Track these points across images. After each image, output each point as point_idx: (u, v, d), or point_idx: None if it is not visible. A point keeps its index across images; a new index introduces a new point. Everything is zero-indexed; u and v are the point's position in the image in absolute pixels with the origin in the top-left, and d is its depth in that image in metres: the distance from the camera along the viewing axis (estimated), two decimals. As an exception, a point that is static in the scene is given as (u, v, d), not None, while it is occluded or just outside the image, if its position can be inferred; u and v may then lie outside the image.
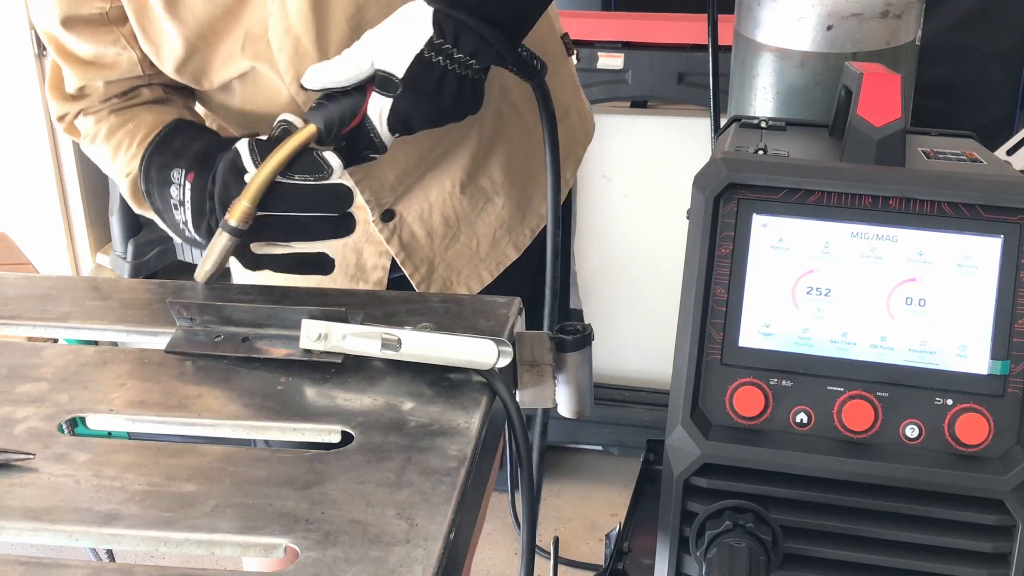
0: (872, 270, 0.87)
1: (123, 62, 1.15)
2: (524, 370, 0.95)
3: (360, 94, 1.00)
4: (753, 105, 1.43)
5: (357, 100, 0.99)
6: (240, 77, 1.15)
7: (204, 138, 1.11)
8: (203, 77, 1.15)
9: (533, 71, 1.07)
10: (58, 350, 0.97)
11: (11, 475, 0.77)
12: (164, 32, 1.11)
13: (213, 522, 0.71)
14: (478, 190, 1.31)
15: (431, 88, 0.99)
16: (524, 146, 1.34)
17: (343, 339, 0.88)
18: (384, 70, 0.99)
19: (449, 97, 1.00)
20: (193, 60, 1.13)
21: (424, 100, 0.99)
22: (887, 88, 0.91)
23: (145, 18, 1.11)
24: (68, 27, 1.12)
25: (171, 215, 1.09)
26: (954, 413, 0.85)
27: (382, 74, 0.99)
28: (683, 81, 2.41)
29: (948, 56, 2.55)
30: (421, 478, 0.75)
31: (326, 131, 0.99)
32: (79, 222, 2.83)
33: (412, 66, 0.98)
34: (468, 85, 1.00)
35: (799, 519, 0.87)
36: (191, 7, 1.09)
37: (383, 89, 0.99)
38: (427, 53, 0.97)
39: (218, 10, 1.10)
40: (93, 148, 1.20)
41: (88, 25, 1.12)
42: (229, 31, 1.11)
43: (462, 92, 1.00)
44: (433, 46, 0.97)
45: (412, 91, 0.99)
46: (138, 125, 1.16)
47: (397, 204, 1.28)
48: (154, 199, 1.11)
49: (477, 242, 1.34)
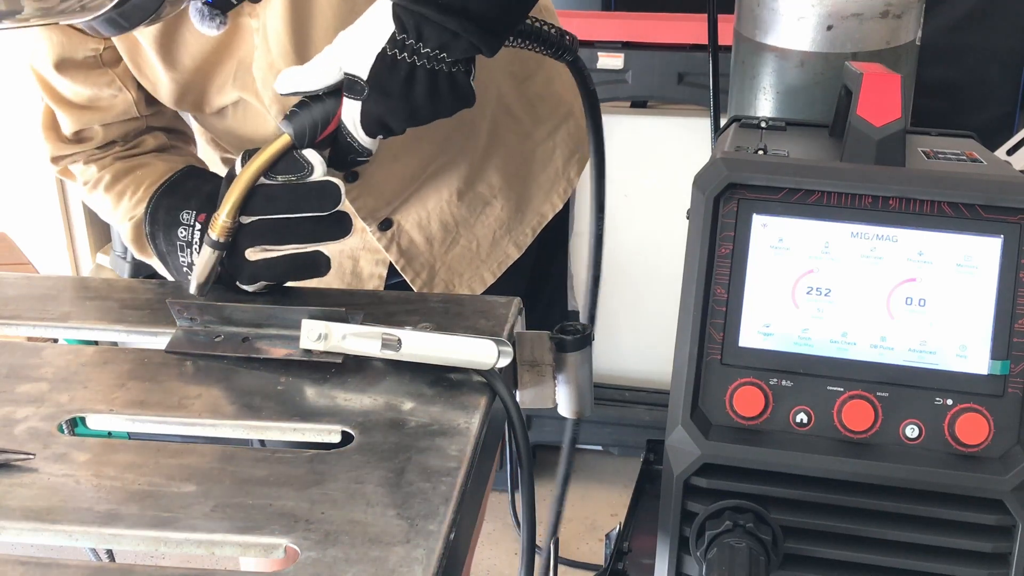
0: (872, 270, 0.87)
1: (119, 104, 1.15)
2: (524, 370, 0.95)
3: (334, 99, 0.96)
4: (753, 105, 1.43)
5: (331, 105, 0.96)
6: (232, 104, 1.16)
7: (215, 181, 1.11)
8: (203, 105, 1.16)
9: (563, 48, 1.01)
10: (58, 350, 0.97)
11: (11, 475, 0.77)
12: (159, 71, 1.12)
13: (213, 522, 0.71)
14: (476, 196, 1.31)
15: (399, 87, 0.93)
16: (521, 148, 1.34)
17: (343, 339, 0.88)
18: (350, 73, 0.94)
19: (422, 95, 0.94)
20: (191, 93, 1.14)
21: (394, 100, 0.94)
22: (887, 88, 0.91)
23: (139, 57, 1.12)
24: (62, 70, 1.12)
25: (175, 257, 1.08)
26: (954, 413, 0.85)
27: (349, 77, 0.94)
28: (683, 81, 2.41)
29: (948, 56, 2.56)
30: (421, 478, 0.75)
31: (299, 139, 0.96)
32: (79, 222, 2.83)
33: (375, 66, 0.93)
34: (444, 80, 0.94)
35: (799, 519, 0.87)
36: (186, 49, 1.10)
37: (351, 92, 0.95)
38: (390, 51, 0.92)
39: (210, 45, 1.10)
40: (95, 195, 1.20)
41: (82, 68, 1.12)
42: (222, 62, 1.12)
43: (436, 88, 0.94)
44: (396, 43, 0.92)
45: (379, 92, 0.94)
46: (146, 172, 1.16)
47: (395, 214, 1.27)
48: (158, 241, 1.11)
49: (477, 244, 1.33)
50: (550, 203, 1.38)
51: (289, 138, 0.96)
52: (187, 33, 1.09)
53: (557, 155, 1.37)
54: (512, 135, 1.32)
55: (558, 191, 1.39)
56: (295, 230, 0.99)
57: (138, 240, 1.15)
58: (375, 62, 0.93)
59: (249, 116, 1.17)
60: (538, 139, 1.36)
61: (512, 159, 1.33)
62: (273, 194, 0.97)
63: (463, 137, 1.26)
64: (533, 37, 1.00)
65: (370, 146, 0.98)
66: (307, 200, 0.97)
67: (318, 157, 0.96)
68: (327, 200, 0.98)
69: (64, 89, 1.14)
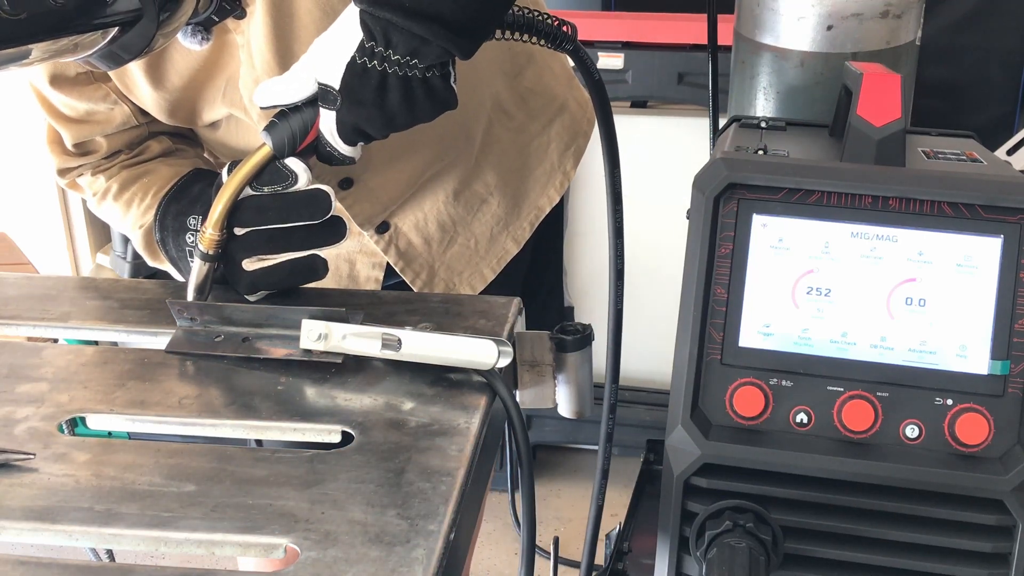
0: (872, 270, 0.87)
1: (116, 115, 1.16)
2: (524, 370, 0.95)
3: (313, 108, 0.94)
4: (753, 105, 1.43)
5: (309, 116, 0.94)
6: (224, 117, 1.16)
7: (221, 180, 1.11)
8: (195, 119, 1.17)
9: (562, 38, 0.98)
10: (58, 350, 0.97)
11: (11, 475, 0.77)
12: (147, 91, 1.12)
13: (213, 522, 0.71)
14: (472, 194, 1.31)
15: (371, 96, 0.90)
16: (516, 144, 1.34)
17: (343, 339, 0.88)
18: (323, 82, 0.92)
19: (396, 102, 0.91)
20: (181, 109, 1.15)
21: (368, 109, 0.91)
22: (887, 88, 0.91)
23: (127, 78, 1.12)
24: (56, 86, 1.12)
25: (186, 263, 1.08)
26: (954, 413, 0.85)
27: (323, 87, 0.92)
28: (683, 81, 2.41)
29: (948, 56, 2.55)
30: (421, 478, 0.75)
31: (278, 150, 0.95)
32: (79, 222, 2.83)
33: (345, 75, 0.91)
34: (419, 86, 0.90)
35: (799, 519, 0.87)
36: (173, 68, 1.10)
37: (325, 102, 0.93)
38: (359, 59, 0.90)
39: (197, 63, 1.10)
40: (104, 205, 1.20)
41: (76, 84, 1.13)
42: (211, 79, 1.12)
43: (411, 95, 0.91)
44: (365, 51, 0.89)
45: (351, 101, 0.91)
46: (153, 179, 1.16)
47: (391, 217, 1.27)
48: (169, 247, 1.11)
49: (475, 242, 1.33)
50: (547, 197, 1.38)
51: (268, 150, 0.95)
52: (174, 52, 1.09)
53: (552, 149, 1.37)
54: (506, 132, 1.32)
55: (554, 184, 1.39)
56: (289, 239, 0.98)
57: (150, 247, 1.16)
58: (345, 71, 0.91)
59: (241, 129, 1.17)
60: (532, 134, 1.35)
61: (507, 156, 1.33)
62: (263, 205, 0.96)
63: (460, 140, 1.26)
64: (528, 28, 0.97)
65: (351, 153, 0.96)
66: (297, 209, 0.97)
67: (301, 165, 0.95)
68: (317, 208, 0.97)
69: (61, 104, 1.15)
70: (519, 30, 0.97)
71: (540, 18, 0.97)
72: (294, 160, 0.95)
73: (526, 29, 0.97)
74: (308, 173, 0.96)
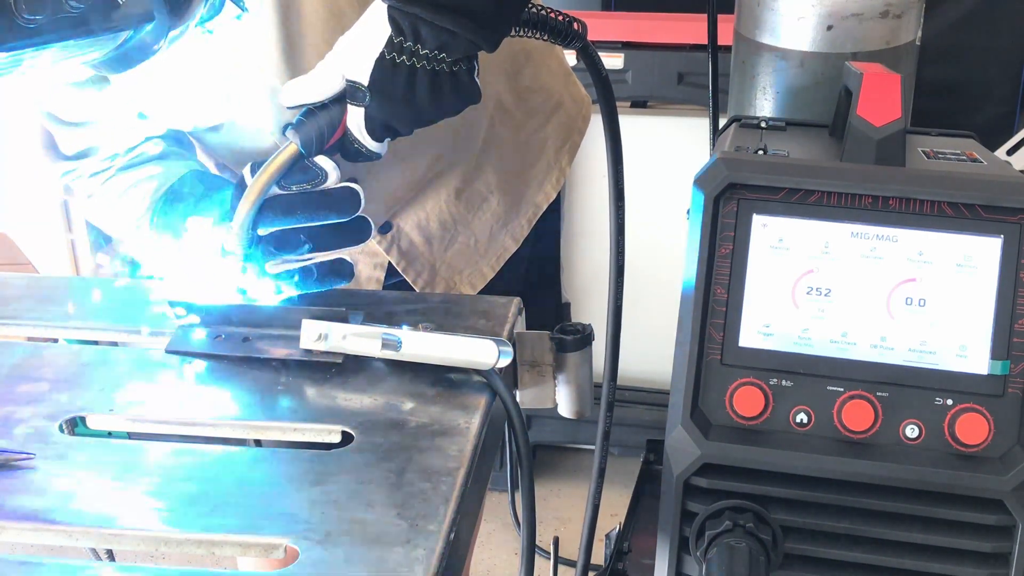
0: (872, 270, 0.87)
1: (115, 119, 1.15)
2: (524, 370, 0.95)
3: (339, 106, 0.95)
4: (753, 105, 1.42)
5: (336, 113, 0.95)
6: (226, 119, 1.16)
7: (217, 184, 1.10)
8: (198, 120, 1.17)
9: (572, 35, 0.99)
10: (58, 350, 0.97)
11: (11, 475, 0.77)
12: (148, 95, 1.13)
13: (213, 522, 0.71)
14: (474, 193, 1.31)
15: (401, 91, 0.92)
16: (515, 140, 1.34)
17: (343, 339, 0.88)
18: (351, 79, 0.93)
19: (424, 97, 0.92)
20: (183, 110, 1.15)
21: (397, 104, 0.93)
22: (887, 88, 0.91)
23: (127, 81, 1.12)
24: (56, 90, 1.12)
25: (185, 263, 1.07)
26: (954, 413, 0.85)
27: (351, 84, 0.93)
28: (683, 81, 2.41)
29: (948, 56, 2.56)
30: (421, 478, 0.75)
31: (307, 148, 0.95)
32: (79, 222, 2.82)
33: (375, 71, 0.92)
34: (446, 80, 0.92)
35: (799, 519, 0.87)
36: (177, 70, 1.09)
37: (354, 99, 0.93)
38: (388, 55, 0.91)
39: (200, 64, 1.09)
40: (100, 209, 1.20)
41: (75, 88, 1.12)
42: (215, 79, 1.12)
43: (439, 89, 0.93)
44: (394, 46, 0.91)
45: (382, 97, 0.92)
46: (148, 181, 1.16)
47: (394, 217, 1.27)
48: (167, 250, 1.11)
49: (475, 240, 1.33)
50: (544, 193, 1.39)
51: (296, 147, 0.95)
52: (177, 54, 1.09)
53: (549, 145, 1.38)
54: (506, 130, 1.33)
55: (551, 181, 1.39)
56: (316, 239, 0.98)
57: (147, 249, 1.16)
58: (374, 67, 0.92)
59: (242, 130, 1.17)
60: (530, 131, 1.36)
61: (507, 154, 1.33)
62: (293, 204, 0.96)
63: (463, 139, 1.26)
64: (540, 26, 0.98)
65: (378, 149, 0.97)
66: (326, 207, 0.97)
67: (331, 163, 0.96)
68: (348, 205, 0.97)
69: (59, 108, 1.15)
70: (533, 27, 0.98)
71: (553, 15, 0.98)
72: (323, 158, 0.95)
73: (539, 26, 0.98)
74: (338, 171, 0.96)
